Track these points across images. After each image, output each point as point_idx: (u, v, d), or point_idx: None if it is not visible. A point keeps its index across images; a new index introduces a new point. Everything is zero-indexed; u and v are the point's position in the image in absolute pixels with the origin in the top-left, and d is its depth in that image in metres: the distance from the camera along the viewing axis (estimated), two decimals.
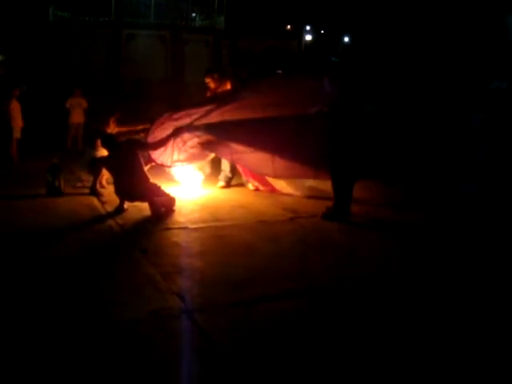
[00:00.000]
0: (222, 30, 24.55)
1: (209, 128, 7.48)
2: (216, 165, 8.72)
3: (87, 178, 8.34)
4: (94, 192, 7.70)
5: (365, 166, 7.15)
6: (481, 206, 7.16)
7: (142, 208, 6.93)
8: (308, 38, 50.84)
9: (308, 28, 52.71)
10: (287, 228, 6.63)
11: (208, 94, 8.49)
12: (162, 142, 7.37)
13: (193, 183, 8.29)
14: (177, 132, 7.44)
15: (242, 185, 8.59)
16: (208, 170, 8.65)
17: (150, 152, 7.49)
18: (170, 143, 7.48)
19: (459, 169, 7.62)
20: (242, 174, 8.50)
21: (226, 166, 8.49)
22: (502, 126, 8.33)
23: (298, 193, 7.98)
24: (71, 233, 6.06)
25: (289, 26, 52.63)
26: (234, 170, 8.49)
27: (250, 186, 8.40)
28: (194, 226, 6.42)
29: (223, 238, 6.03)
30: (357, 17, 46.29)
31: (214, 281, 4.80)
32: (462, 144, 7.80)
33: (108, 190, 7.84)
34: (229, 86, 8.33)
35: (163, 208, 6.81)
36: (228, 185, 8.53)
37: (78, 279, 4.74)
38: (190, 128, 7.48)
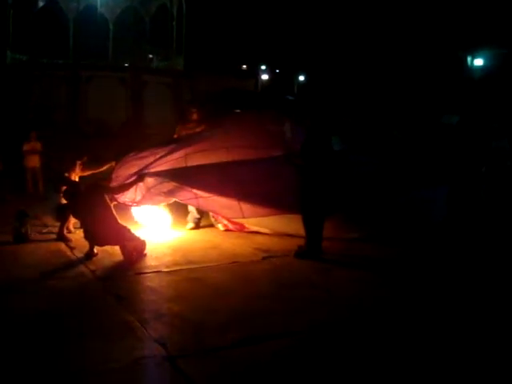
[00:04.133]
0: (182, 71, 24.77)
1: (172, 175, 7.46)
2: (183, 204, 8.66)
3: (53, 224, 8.19)
4: (62, 238, 7.56)
5: (333, 203, 7.25)
6: (447, 233, 7.41)
7: (113, 252, 6.82)
8: (264, 77, 51.70)
9: (263, 67, 53.70)
10: (261, 268, 6.62)
11: (178, 134, 8.50)
12: (127, 187, 7.31)
13: (160, 225, 8.22)
14: (140, 178, 7.39)
15: (211, 225, 8.57)
16: (172, 207, 8.57)
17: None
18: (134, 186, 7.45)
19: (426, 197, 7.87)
20: (211, 215, 8.49)
21: (192, 206, 8.46)
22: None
23: (267, 230, 8.00)
24: (41, 282, 5.87)
25: (245, 66, 53.57)
26: (201, 211, 8.47)
27: (220, 227, 8.39)
28: (167, 270, 6.34)
29: (198, 281, 5.97)
30: (311, 56, 47.50)
31: (194, 325, 4.73)
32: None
33: (76, 235, 7.71)
34: (202, 127, 8.36)
35: (134, 252, 6.70)
36: (197, 226, 8.50)
37: (51, 330, 4.59)
38: (153, 174, 7.44)
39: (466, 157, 9.80)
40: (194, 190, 7.46)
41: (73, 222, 7.88)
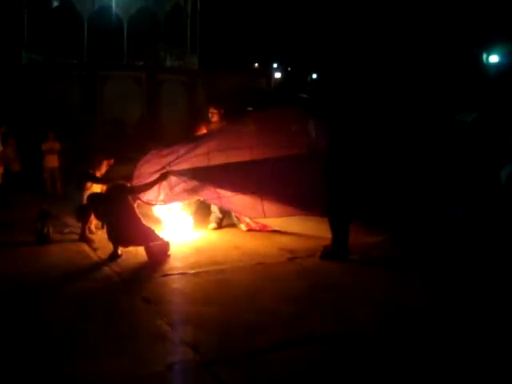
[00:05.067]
0: (197, 70, 24.66)
1: (195, 174, 7.35)
2: (204, 204, 8.57)
3: (74, 224, 8.11)
4: (84, 238, 7.47)
5: (362, 205, 7.12)
6: (466, 231, 7.22)
7: (137, 253, 6.74)
8: (277, 75, 51.51)
9: (275, 66, 53.50)
10: (287, 269, 6.50)
11: (199, 131, 8.40)
12: (150, 186, 7.19)
13: (183, 225, 8.12)
14: (164, 176, 7.28)
15: (233, 225, 8.46)
16: (193, 207, 8.48)
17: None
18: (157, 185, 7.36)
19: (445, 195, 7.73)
20: (233, 214, 8.39)
21: (215, 207, 8.37)
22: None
23: (290, 230, 7.89)
24: (67, 284, 5.80)
25: (256, 64, 53.40)
26: (223, 210, 8.37)
27: (243, 227, 8.28)
28: (192, 271, 6.23)
29: (224, 283, 5.87)
30: (324, 54, 47.27)
31: (225, 329, 4.64)
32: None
33: (98, 236, 7.62)
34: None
35: (159, 253, 6.61)
36: (219, 226, 8.40)
37: (81, 335, 4.50)
38: (176, 173, 7.34)
39: (483, 155, 9.63)
40: (217, 190, 7.34)
41: (95, 222, 7.79)
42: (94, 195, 7.07)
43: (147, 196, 7.34)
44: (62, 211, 8.81)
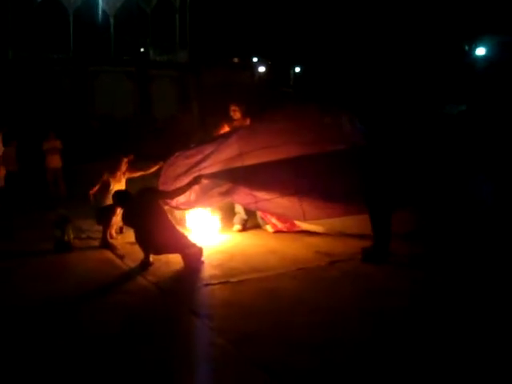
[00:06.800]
0: (187, 65, 24.16)
1: (229, 176, 6.91)
2: (228, 205, 8.13)
3: (90, 228, 7.63)
4: (107, 245, 6.98)
5: (400, 197, 6.80)
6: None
7: (168, 260, 6.30)
8: (261, 69, 50.98)
9: (255, 60, 52.97)
10: (331, 275, 6.08)
11: (221, 130, 7.94)
12: (182, 191, 6.71)
13: (208, 227, 7.67)
14: (196, 180, 6.81)
15: (257, 226, 8.03)
16: (223, 210, 8.06)
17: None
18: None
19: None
20: (258, 215, 7.96)
21: (240, 207, 7.94)
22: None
23: (319, 229, 7.52)
24: (102, 299, 5.29)
25: (236, 59, 52.79)
26: (248, 211, 7.95)
27: (269, 228, 7.86)
28: (234, 280, 5.78)
29: (273, 293, 5.43)
30: (306, 48, 46.93)
31: (292, 345, 4.22)
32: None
33: (120, 241, 7.18)
34: (248, 124, 7.81)
35: (194, 260, 6.15)
36: (244, 227, 7.97)
37: (132, 359, 4.03)
38: (209, 176, 6.88)
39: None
40: (254, 192, 6.91)
41: (115, 226, 7.31)
42: (120, 193, 6.54)
43: (177, 201, 6.86)
44: (73, 214, 8.24)
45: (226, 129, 7.94)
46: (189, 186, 6.66)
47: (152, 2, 25.29)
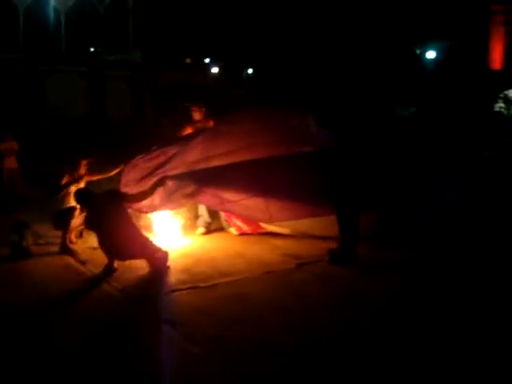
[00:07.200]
0: (141, 64, 23.79)
1: (195, 178, 6.76)
2: (188, 208, 7.96)
3: (47, 233, 7.33)
4: (67, 250, 6.70)
5: (368, 198, 6.83)
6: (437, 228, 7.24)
7: (131, 265, 6.08)
8: (214, 70, 50.76)
9: (207, 61, 52.75)
10: (300, 277, 6.01)
11: (184, 132, 7.76)
12: (149, 193, 6.51)
13: (170, 231, 7.49)
14: (160, 182, 6.64)
15: (221, 229, 7.88)
16: (193, 212, 7.89)
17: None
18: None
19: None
20: (222, 217, 7.82)
21: (203, 210, 7.79)
22: None
23: (284, 230, 7.44)
24: (66, 307, 5.07)
25: (188, 60, 52.45)
26: (212, 214, 7.81)
27: (233, 231, 7.72)
28: (203, 285, 5.62)
29: (243, 297, 5.32)
30: (256, 50, 46.99)
31: (273, 353, 4.14)
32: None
33: (80, 246, 6.91)
34: (211, 125, 7.65)
35: (160, 265, 5.97)
36: (208, 230, 7.81)
37: (112, 372, 3.85)
38: (174, 177, 6.72)
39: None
40: (220, 194, 6.78)
41: (75, 231, 7.05)
42: (83, 192, 6.27)
43: (139, 204, 6.66)
44: (29, 218, 7.90)
45: (189, 130, 7.77)
46: (153, 188, 6.47)
47: (105, 1, 24.83)
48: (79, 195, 6.23)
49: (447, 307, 5.06)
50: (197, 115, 7.92)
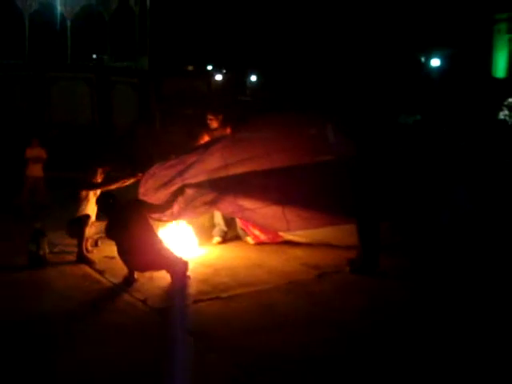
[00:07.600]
0: (148, 72, 23.70)
1: (214, 185, 6.70)
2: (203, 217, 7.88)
3: (62, 241, 7.24)
4: (83, 259, 6.61)
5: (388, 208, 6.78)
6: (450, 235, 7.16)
7: (152, 275, 5.99)
8: (218, 77, 50.83)
9: (210, 68, 52.84)
10: (323, 288, 5.94)
11: (201, 140, 7.69)
12: (169, 203, 6.44)
13: (186, 240, 7.40)
14: (180, 191, 6.57)
15: (237, 238, 7.79)
16: (212, 220, 7.81)
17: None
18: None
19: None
20: (238, 226, 7.74)
21: (219, 219, 7.71)
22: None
23: (302, 239, 7.51)
24: (89, 319, 4.94)
25: (191, 67, 52.50)
26: (228, 223, 7.74)
27: (250, 240, 7.64)
28: (225, 295, 5.55)
29: (268, 308, 5.25)
30: (260, 56, 47.04)
31: (296, 363, 4.08)
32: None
33: (97, 255, 6.82)
34: (228, 132, 7.58)
35: (181, 275, 5.88)
36: (224, 239, 7.72)
37: None
38: (193, 186, 6.66)
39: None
40: (239, 202, 6.71)
41: (90, 239, 6.96)
42: (109, 197, 6.15)
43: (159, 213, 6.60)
44: (44, 226, 7.77)
45: (206, 138, 7.70)
46: (174, 197, 6.39)
47: (111, 7, 24.78)
48: (103, 202, 6.14)
49: (473, 313, 5.02)
50: (213, 123, 7.84)
